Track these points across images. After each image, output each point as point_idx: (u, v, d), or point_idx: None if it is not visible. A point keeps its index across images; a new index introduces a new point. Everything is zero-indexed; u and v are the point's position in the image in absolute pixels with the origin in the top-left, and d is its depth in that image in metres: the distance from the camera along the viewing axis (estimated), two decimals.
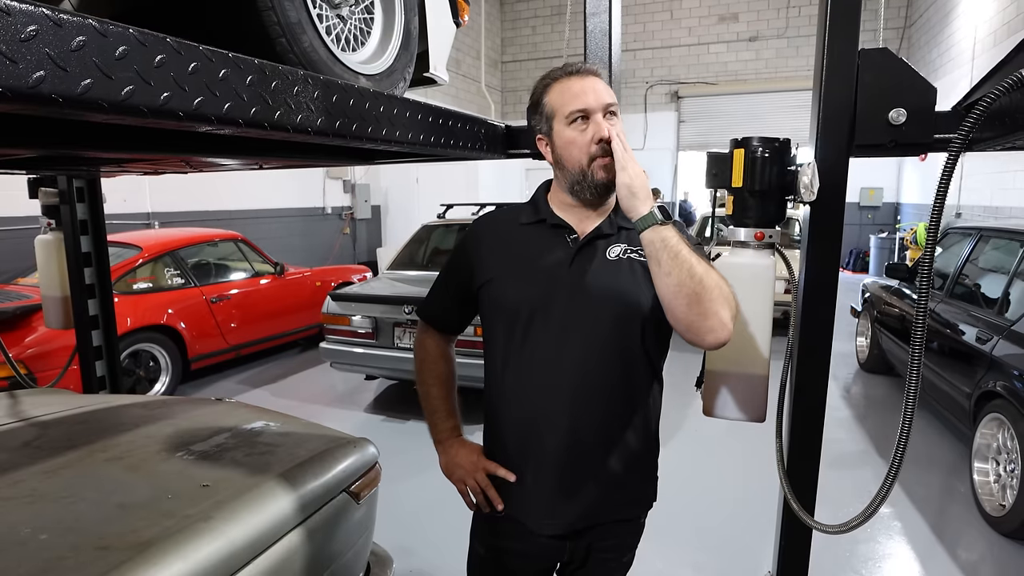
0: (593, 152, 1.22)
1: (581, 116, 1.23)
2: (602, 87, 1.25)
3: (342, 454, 1.74)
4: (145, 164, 2.09)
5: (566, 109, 1.24)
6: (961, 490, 3.52)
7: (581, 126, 1.23)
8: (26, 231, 4.98)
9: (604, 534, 1.37)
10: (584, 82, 1.24)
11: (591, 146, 1.22)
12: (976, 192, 8.07)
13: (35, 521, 1.31)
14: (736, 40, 13.30)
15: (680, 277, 1.10)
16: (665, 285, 1.13)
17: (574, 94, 1.24)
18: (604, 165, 1.23)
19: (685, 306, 1.12)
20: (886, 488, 1.15)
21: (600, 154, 1.22)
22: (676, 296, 1.12)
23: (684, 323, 1.14)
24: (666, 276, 1.12)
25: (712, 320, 1.12)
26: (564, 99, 1.25)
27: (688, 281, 1.10)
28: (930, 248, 1.07)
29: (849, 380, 5.62)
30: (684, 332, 1.16)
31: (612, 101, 1.24)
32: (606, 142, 1.21)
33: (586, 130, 1.23)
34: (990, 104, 1.01)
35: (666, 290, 1.13)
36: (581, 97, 1.23)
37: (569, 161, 1.26)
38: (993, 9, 7.74)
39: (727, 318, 1.13)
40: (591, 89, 1.23)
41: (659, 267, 1.12)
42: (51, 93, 0.65)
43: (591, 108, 1.22)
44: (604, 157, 1.23)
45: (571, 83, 1.25)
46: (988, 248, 4.17)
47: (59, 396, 2.26)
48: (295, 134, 1.00)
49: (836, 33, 1.30)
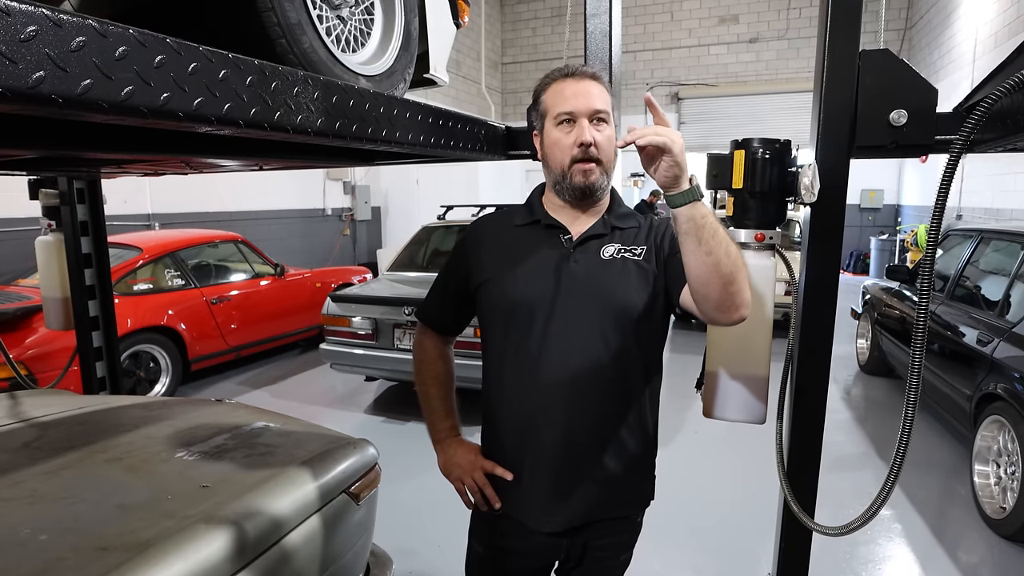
0: (575, 155, 1.25)
1: (567, 119, 1.25)
2: (596, 92, 1.26)
3: (342, 455, 1.74)
4: (145, 165, 2.09)
5: (555, 110, 1.26)
6: (961, 492, 3.51)
7: (567, 128, 1.26)
8: (27, 232, 4.98)
9: (601, 532, 1.38)
10: (578, 85, 1.26)
11: (573, 149, 1.24)
12: (977, 194, 8.07)
13: (35, 522, 1.31)
14: (736, 42, 13.31)
15: (719, 256, 1.08)
16: (703, 263, 1.09)
17: (565, 97, 1.26)
18: (583, 170, 1.25)
19: (721, 284, 1.09)
20: (886, 490, 1.15)
21: (580, 158, 1.25)
22: (713, 273, 1.09)
23: (716, 300, 1.12)
24: (706, 255, 1.08)
25: (742, 297, 1.12)
26: (555, 100, 1.27)
27: (725, 259, 1.08)
28: (931, 250, 1.07)
29: (849, 382, 5.62)
30: (712, 310, 1.14)
31: (601, 108, 1.25)
32: (586, 146, 1.23)
33: (570, 133, 1.25)
34: (991, 105, 1.01)
35: (703, 268, 1.09)
36: (571, 100, 1.25)
37: (552, 161, 1.29)
38: (994, 11, 7.74)
39: (749, 295, 1.15)
40: (582, 93, 1.25)
41: (699, 244, 1.08)
42: (51, 93, 0.65)
43: (577, 112, 1.24)
44: (584, 162, 1.25)
45: (565, 85, 1.27)
46: (989, 250, 4.17)
47: (59, 397, 2.26)
48: (295, 135, 1.00)
49: (837, 34, 1.30)
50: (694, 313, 1.23)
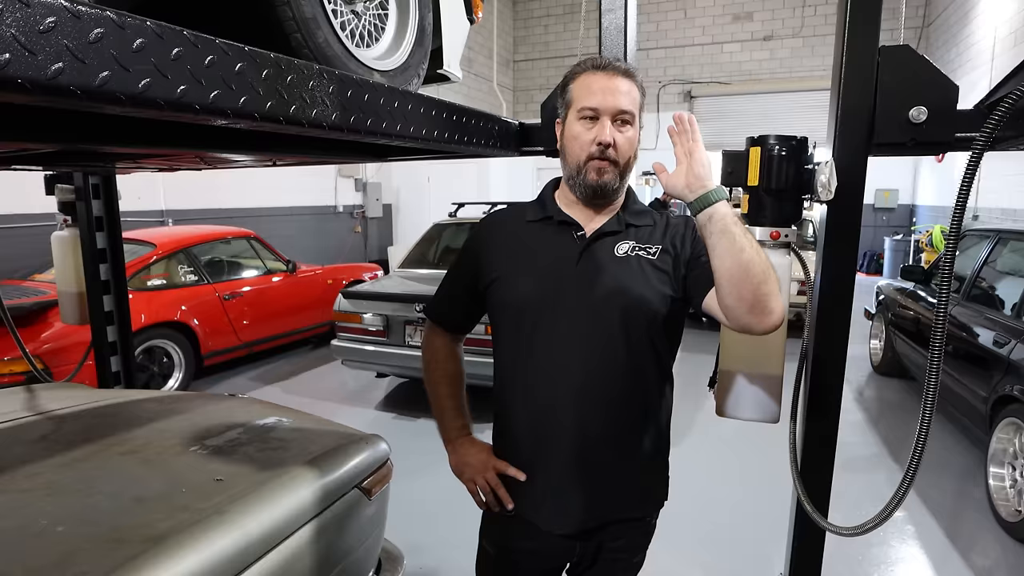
0: (592, 152, 1.23)
1: (591, 115, 1.23)
2: (624, 90, 1.23)
3: (354, 450, 1.75)
4: (160, 160, 2.10)
5: (580, 103, 1.24)
6: (976, 495, 3.47)
7: (588, 124, 1.23)
8: (43, 228, 5.03)
9: (615, 534, 1.36)
10: (608, 81, 1.23)
11: (591, 146, 1.23)
12: (994, 194, 7.97)
13: (52, 513, 1.32)
14: (750, 39, 13.21)
15: (752, 255, 1.06)
16: (737, 263, 1.06)
17: (592, 91, 1.23)
18: (598, 168, 1.23)
19: (755, 284, 1.06)
20: (902, 491, 1.13)
21: (597, 155, 1.23)
22: (747, 273, 1.06)
23: (750, 302, 1.08)
24: (740, 252, 1.05)
25: (776, 300, 1.09)
26: (582, 93, 1.24)
27: (757, 258, 1.06)
28: (951, 247, 1.06)
29: (862, 383, 5.57)
30: (746, 312, 1.09)
31: (627, 108, 1.23)
32: (605, 146, 1.21)
33: (591, 129, 1.23)
34: (1016, 101, 0.99)
35: (737, 268, 1.06)
36: (597, 96, 1.22)
37: (570, 154, 1.27)
38: (1013, 8, 7.63)
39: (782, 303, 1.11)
40: (611, 90, 1.22)
41: (733, 242, 1.06)
42: (69, 85, 0.66)
43: (601, 110, 1.22)
44: (600, 160, 1.23)
45: (595, 79, 1.24)
46: (1006, 251, 4.12)
47: (75, 391, 2.28)
48: (310, 128, 1.00)
49: (856, 29, 1.29)
50: (718, 318, 1.20)
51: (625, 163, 1.26)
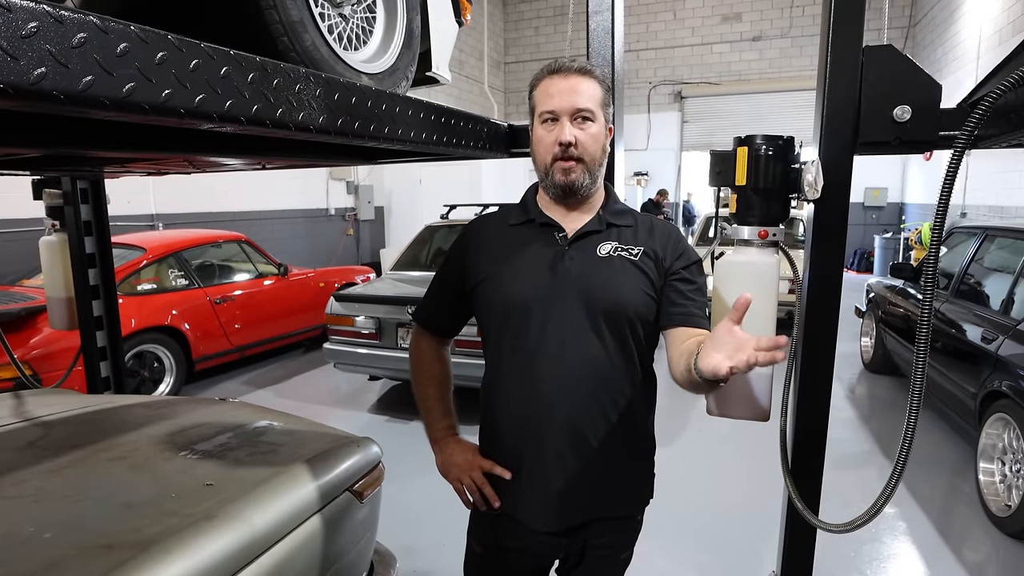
0: (556, 153, 1.25)
1: (551, 117, 1.26)
2: (582, 89, 1.25)
3: (345, 453, 1.74)
4: (148, 164, 2.10)
5: (540, 108, 1.27)
6: (966, 490, 3.50)
7: (550, 127, 1.26)
8: (31, 233, 4.99)
9: (600, 531, 1.37)
10: (564, 82, 1.25)
11: (554, 147, 1.25)
12: (981, 192, 8.04)
13: (40, 520, 1.32)
14: (740, 40, 13.28)
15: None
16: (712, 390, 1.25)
17: (549, 95, 1.26)
18: (563, 168, 1.26)
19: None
20: (891, 487, 1.14)
21: (560, 156, 1.25)
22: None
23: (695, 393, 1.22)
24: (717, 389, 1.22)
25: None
26: (542, 98, 1.27)
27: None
28: (935, 245, 1.07)
29: (853, 380, 5.60)
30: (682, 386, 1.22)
31: (585, 106, 1.24)
32: (566, 145, 1.23)
33: (553, 131, 1.25)
34: (995, 100, 1.00)
35: (709, 391, 1.24)
36: (554, 98, 1.25)
37: (537, 157, 1.30)
38: (999, 8, 7.70)
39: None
40: (567, 91, 1.24)
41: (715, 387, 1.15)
42: (52, 90, 0.65)
43: (559, 111, 1.24)
44: (564, 160, 1.25)
45: (552, 82, 1.27)
46: (994, 247, 4.16)
47: (64, 396, 2.26)
48: (297, 132, 1.00)
49: (840, 30, 1.30)
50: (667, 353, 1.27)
51: (592, 159, 1.27)
